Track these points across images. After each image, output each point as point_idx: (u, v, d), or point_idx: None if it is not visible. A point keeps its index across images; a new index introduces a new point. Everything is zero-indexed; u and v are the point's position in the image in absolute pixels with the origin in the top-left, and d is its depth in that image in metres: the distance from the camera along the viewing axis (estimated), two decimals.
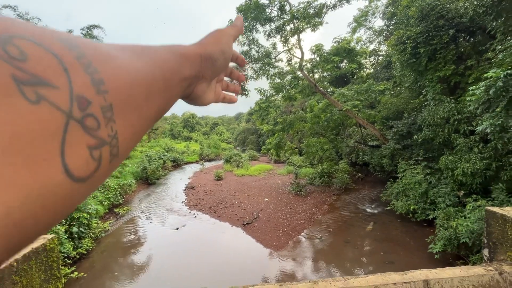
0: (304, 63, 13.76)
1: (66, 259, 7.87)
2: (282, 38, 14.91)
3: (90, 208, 9.84)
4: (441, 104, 9.49)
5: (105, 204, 13.03)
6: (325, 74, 17.93)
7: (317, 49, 12.82)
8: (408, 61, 10.46)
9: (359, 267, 7.81)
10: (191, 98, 0.49)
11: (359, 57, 13.20)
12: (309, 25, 13.54)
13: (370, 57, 21.10)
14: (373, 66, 21.48)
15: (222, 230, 11.27)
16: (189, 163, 34.73)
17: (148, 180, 20.97)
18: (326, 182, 16.18)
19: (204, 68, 0.45)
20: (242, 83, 0.69)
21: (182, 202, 15.74)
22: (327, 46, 13.65)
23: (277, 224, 11.26)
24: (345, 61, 15.59)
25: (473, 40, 10.23)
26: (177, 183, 21.89)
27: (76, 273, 7.57)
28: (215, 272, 7.89)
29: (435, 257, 7.28)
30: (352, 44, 13.75)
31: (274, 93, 14.69)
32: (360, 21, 20.82)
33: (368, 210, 12.41)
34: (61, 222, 8.38)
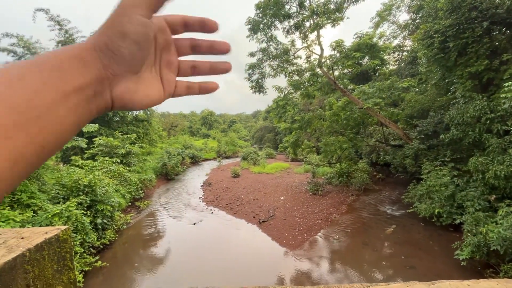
0: (323, 60, 13.44)
1: (91, 249, 8.29)
2: (301, 35, 14.65)
3: (113, 201, 10.29)
4: (472, 102, 8.88)
5: (127, 197, 13.57)
6: (345, 71, 17.43)
7: (338, 45, 12.45)
8: (435, 56, 9.87)
9: (378, 271, 7.54)
10: (118, 105, 0.37)
11: (381, 53, 12.65)
12: (329, 21, 13.17)
13: (393, 52, 20.21)
14: (397, 62, 20.55)
15: (238, 227, 11.35)
16: (206, 160, 35.34)
17: (168, 175, 21.60)
18: (345, 182, 15.78)
19: (107, 63, 0.34)
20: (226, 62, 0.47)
21: (199, 198, 16.04)
22: (348, 42, 13.21)
23: (293, 223, 11.16)
24: (366, 57, 15.04)
25: (509, 33, 9.44)
26: (195, 179, 22.35)
27: (99, 262, 7.95)
28: (230, 268, 7.97)
29: (462, 264, 6.86)
30: (375, 39, 13.20)
31: (292, 91, 14.51)
32: (383, 15, 19.97)
33: (388, 212, 11.95)
34: (86, 214, 8.84)
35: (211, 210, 13.58)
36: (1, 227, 6.56)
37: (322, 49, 14.32)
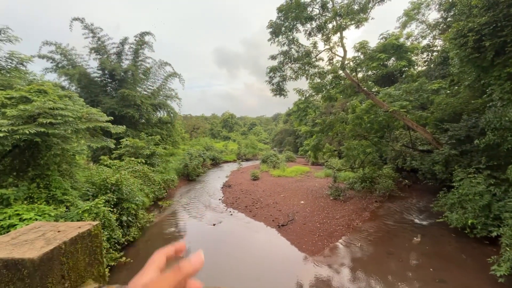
0: (346, 62, 13.11)
1: (116, 245, 8.69)
2: (324, 37, 14.43)
3: (137, 200, 10.72)
4: (511, 105, 8.19)
5: (150, 196, 14.08)
6: (369, 73, 16.90)
7: (362, 46, 12.10)
8: (469, 56, 9.25)
9: (404, 282, 7.15)
10: None
11: (409, 53, 12.08)
12: (353, 22, 12.86)
13: (422, 53, 19.25)
14: (426, 63, 19.54)
15: (257, 230, 11.32)
16: (227, 162, 35.77)
17: (189, 176, 22.13)
18: (368, 187, 15.20)
19: None
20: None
21: (219, 199, 16.25)
22: (372, 43, 12.81)
23: (313, 228, 10.93)
24: (392, 58, 14.46)
25: None
26: (215, 180, 22.69)
27: (124, 258, 8.30)
28: (248, 271, 7.95)
29: (499, 280, 6.31)
30: (402, 39, 12.65)
31: (313, 94, 14.30)
32: (411, 14, 19.13)
33: (416, 221, 11.31)
34: (113, 211, 9.29)
35: (230, 212, 13.69)
36: (37, 220, 7.07)
37: (345, 51, 14.00)
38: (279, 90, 15.08)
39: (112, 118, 9.86)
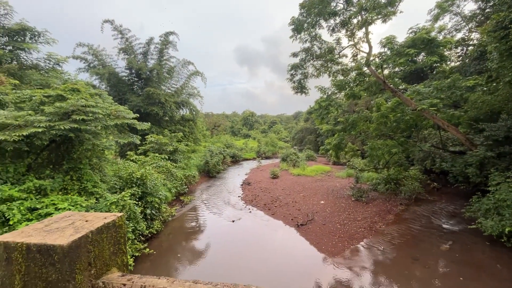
0: (371, 58, 12.59)
1: (140, 236, 9.10)
2: (348, 32, 13.97)
3: (161, 194, 11.13)
4: None
5: (172, 191, 14.56)
6: (396, 69, 16.13)
7: (388, 41, 11.53)
8: (510, 50, 8.49)
9: None
10: None
11: (441, 48, 11.32)
12: (379, 16, 12.30)
13: (456, 47, 17.98)
14: (460, 58, 18.25)
15: (275, 228, 11.30)
16: (246, 159, 36.01)
17: (209, 173, 22.58)
18: (392, 189, 14.56)
19: None
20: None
21: (238, 196, 16.42)
22: (400, 38, 12.14)
23: (333, 229, 10.69)
24: (422, 54, 13.66)
25: None
26: (235, 178, 22.95)
27: (147, 249, 8.67)
28: (265, 268, 7.97)
29: None
30: (433, 33, 11.89)
31: (336, 91, 13.90)
32: (444, 6, 17.92)
33: (444, 226, 10.66)
34: (137, 204, 9.73)
35: (249, 209, 13.78)
36: (70, 210, 7.58)
37: (370, 47, 13.45)
38: (301, 88, 14.86)
39: (138, 115, 10.29)
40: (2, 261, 0.68)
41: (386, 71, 13.35)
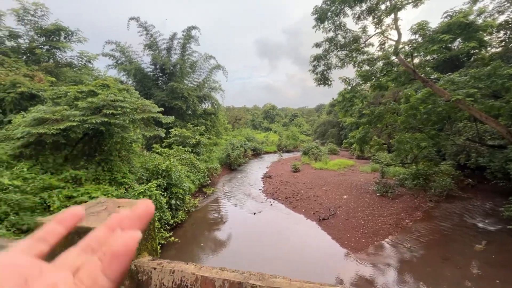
0: (401, 46, 11.85)
1: (166, 225, 9.52)
2: (375, 20, 13.23)
3: (184, 186, 11.51)
4: None
5: (196, 183, 14.99)
6: (428, 57, 15.06)
7: (420, 27, 10.74)
8: None
9: None
10: None
11: (480, 33, 10.35)
12: (410, 1, 11.48)
13: (498, 31, 16.37)
14: (503, 44, 16.61)
15: (296, 222, 11.26)
16: (267, 153, 36.03)
17: (231, 166, 22.92)
18: (421, 185, 13.83)
19: None
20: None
21: (259, 189, 16.53)
22: (433, 24, 11.26)
23: (356, 224, 10.43)
24: (458, 39, 12.59)
25: None
26: (256, 171, 23.10)
27: (172, 238, 9.06)
28: (286, 261, 8.00)
29: None
30: (472, 17, 10.89)
31: (361, 82, 13.30)
32: None
33: (479, 225, 9.98)
34: (163, 194, 10.15)
35: (270, 202, 13.84)
36: None
37: (399, 34, 12.64)
38: (323, 80, 14.40)
39: (162, 109, 10.63)
40: None
41: (416, 60, 12.52)
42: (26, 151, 8.01)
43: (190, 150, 16.80)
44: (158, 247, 8.40)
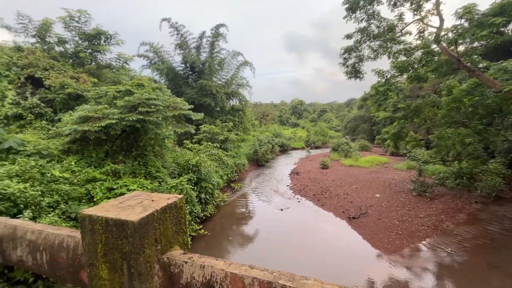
0: (443, 33, 10.85)
1: (196, 218, 9.89)
2: (413, 6, 12.27)
3: (213, 180, 11.84)
4: None
5: (224, 178, 15.33)
6: (475, 44, 13.64)
7: (466, 11, 9.71)
8: None
9: None
10: None
11: None
12: None
13: None
14: None
15: (325, 220, 11.01)
16: (295, 149, 35.59)
17: (258, 162, 23.05)
18: (465, 185, 12.67)
19: None
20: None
21: (287, 185, 16.42)
22: (482, 6, 10.11)
23: (390, 225, 9.91)
24: None
25: None
26: (283, 167, 22.98)
27: (202, 230, 9.39)
28: (314, 259, 7.87)
29: None
30: None
31: (396, 74, 12.46)
32: None
33: None
34: (193, 189, 10.54)
35: (298, 199, 13.69)
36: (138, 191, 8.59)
37: (441, 20, 11.58)
38: (355, 73, 13.75)
39: (192, 106, 10.98)
40: (88, 231, 0.77)
41: (461, 48, 11.36)
42: (73, 147, 8.81)
43: (219, 146, 17.19)
44: (189, 239, 8.79)
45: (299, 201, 13.28)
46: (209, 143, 16.80)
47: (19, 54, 12.05)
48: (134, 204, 0.84)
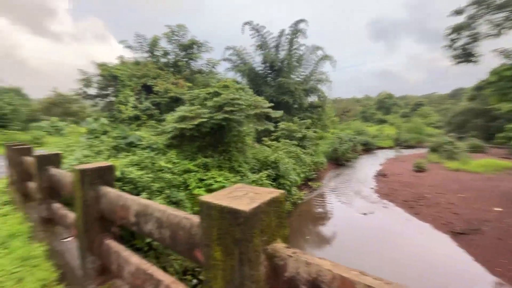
0: None
1: None
2: None
3: (291, 178, 11.90)
4: None
5: (301, 176, 15.18)
6: None
7: None
8: None
9: None
10: None
11: None
12: None
13: None
14: None
15: (420, 231, 9.48)
16: (381, 148, 32.03)
17: (338, 161, 21.83)
18: None
19: None
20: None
21: (371, 188, 14.95)
22: None
23: None
24: None
25: None
26: (367, 168, 21.03)
27: None
28: (404, 276, 6.88)
29: None
30: None
31: None
32: None
33: None
34: (272, 184, 10.86)
35: (384, 203, 12.27)
36: (223, 183, 9.46)
37: None
38: (465, 56, 11.20)
39: (273, 104, 11.30)
40: (205, 215, 0.87)
41: None
42: (174, 142, 10.43)
43: (296, 143, 17.12)
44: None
45: (386, 207, 11.89)
46: (287, 140, 16.95)
47: (137, 67, 15.06)
48: (241, 195, 0.91)
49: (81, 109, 35.98)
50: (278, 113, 11.70)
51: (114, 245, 1.87)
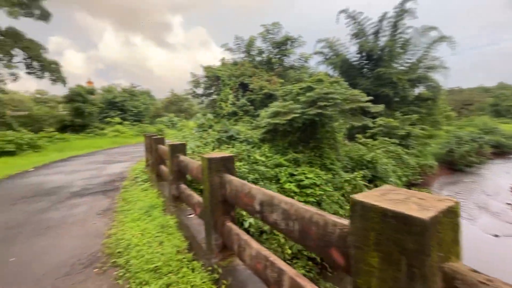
0: None
1: None
2: None
3: (391, 181, 10.52)
4: None
5: (403, 180, 13.21)
6: None
7: None
8: None
9: None
10: None
11: None
12: None
13: None
14: None
15: None
16: None
17: (454, 165, 17.87)
18: None
19: None
20: None
21: (506, 203, 11.52)
22: None
23: None
24: None
25: None
26: (498, 176, 16.37)
27: None
28: None
29: None
30: None
31: None
32: None
33: None
34: (367, 186, 9.86)
35: None
36: (314, 180, 9.24)
37: None
38: None
39: (372, 98, 10.21)
40: (358, 216, 0.81)
41: None
42: (267, 136, 10.92)
43: (397, 142, 14.96)
44: None
45: None
46: (386, 138, 15.03)
47: (235, 67, 16.48)
48: (402, 199, 0.80)
49: (190, 106, 42.65)
50: (379, 107, 10.48)
51: (235, 227, 2.08)
